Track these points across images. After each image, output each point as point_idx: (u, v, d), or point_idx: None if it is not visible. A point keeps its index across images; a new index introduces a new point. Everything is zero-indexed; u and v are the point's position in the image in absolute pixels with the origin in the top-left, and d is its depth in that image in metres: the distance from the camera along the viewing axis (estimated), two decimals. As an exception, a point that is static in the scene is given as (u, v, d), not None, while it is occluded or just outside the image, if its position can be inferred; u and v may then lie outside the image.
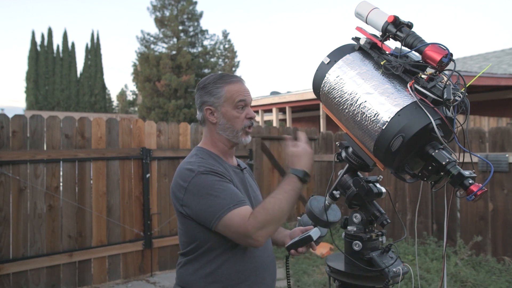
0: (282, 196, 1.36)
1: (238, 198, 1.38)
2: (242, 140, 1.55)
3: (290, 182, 1.39)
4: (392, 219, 5.24)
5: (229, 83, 1.54)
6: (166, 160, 4.94)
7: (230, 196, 1.38)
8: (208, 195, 1.38)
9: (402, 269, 1.28)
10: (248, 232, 1.32)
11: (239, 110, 1.53)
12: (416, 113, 1.14)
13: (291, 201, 1.36)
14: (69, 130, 4.32)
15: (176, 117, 24.52)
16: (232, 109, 1.52)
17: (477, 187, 1.09)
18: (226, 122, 1.52)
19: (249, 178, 1.66)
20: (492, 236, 4.54)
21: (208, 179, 1.40)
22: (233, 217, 1.34)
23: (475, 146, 4.70)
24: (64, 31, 36.32)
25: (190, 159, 1.51)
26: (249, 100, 1.57)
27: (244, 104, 1.54)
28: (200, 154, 1.53)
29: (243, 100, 1.53)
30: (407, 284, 3.63)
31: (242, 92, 1.54)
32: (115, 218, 4.55)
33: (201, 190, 1.39)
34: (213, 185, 1.39)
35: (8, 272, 3.84)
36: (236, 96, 1.52)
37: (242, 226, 1.32)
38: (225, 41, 30.08)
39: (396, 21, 1.24)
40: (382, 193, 1.38)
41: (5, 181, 3.90)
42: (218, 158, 1.55)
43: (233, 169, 1.57)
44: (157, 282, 4.54)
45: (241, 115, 1.53)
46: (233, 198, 1.37)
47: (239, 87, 1.55)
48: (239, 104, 1.52)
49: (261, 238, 1.33)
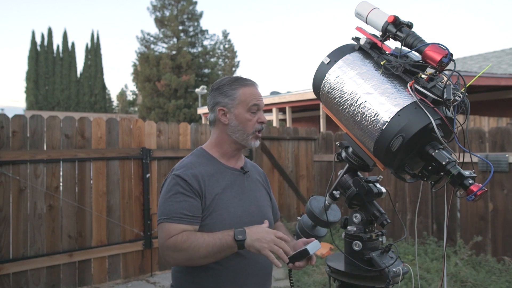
0: (208, 240, 1.36)
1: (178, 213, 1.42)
2: (251, 143, 1.57)
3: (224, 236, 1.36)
4: (392, 219, 5.24)
5: (244, 85, 1.56)
6: (166, 160, 4.94)
7: (174, 208, 1.43)
8: (165, 197, 1.47)
9: (402, 269, 1.28)
10: (162, 247, 1.41)
11: (251, 113, 1.54)
12: (416, 113, 1.14)
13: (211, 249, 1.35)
14: (69, 130, 4.32)
15: (176, 117, 24.53)
16: (245, 112, 1.54)
17: (477, 187, 1.09)
18: (238, 124, 1.54)
19: (252, 183, 1.64)
20: (492, 236, 4.54)
21: (173, 184, 1.47)
22: (164, 228, 1.43)
23: (475, 146, 4.70)
24: (64, 31, 36.34)
25: (184, 159, 1.58)
26: (262, 105, 1.58)
27: (257, 109, 1.56)
28: (196, 154, 1.59)
29: (257, 105, 1.55)
30: (407, 284, 3.63)
31: (256, 96, 1.56)
32: (115, 218, 4.55)
33: (165, 190, 1.49)
34: (171, 191, 1.46)
35: (8, 272, 3.84)
36: (250, 100, 1.54)
37: (162, 240, 1.42)
38: (225, 41, 30.10)
39: (396, 21, 1.24)
40: (382, 193, 1.38)
41: (5, 181, 3.91)
42: (213, 160, 1.57)
43: (231, 171, 1.58)
44: (157, 282, 4.54)
45: (253, 119, 1.55)
46: (174, 211, 1.43)
47: (253, 91, 1.57)
48: (253, 108, 1.54)
49: (169, 259, 1.41)
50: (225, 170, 1.57)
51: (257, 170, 1.76)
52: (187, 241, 1.37)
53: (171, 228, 1.40)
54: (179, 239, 1.37)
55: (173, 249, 1.38)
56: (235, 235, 1.34)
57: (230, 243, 1.35)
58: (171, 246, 1.38)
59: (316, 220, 1.45)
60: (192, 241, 1.36)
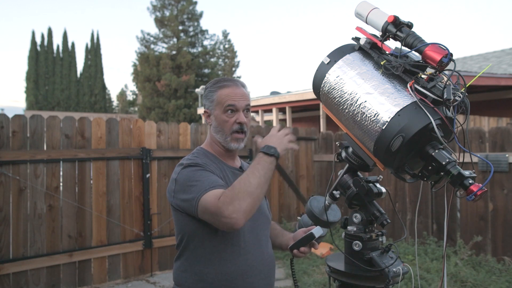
0: (249, 171, 1.38)
1: (215, 182, 1.41)
2: (231, 145, 1.57)
3: (256, 160, 1.41)
4: (392, 219, 5.22)
5: (221, 87, 1.58)
6: (166, 160, 4.94)
7: (208, 180, 1.41)
8: (191, 185, 1.43)
9: (402, 269, 1.28)
10: (219, 209, 1.30)
11: (228, 114, 1.55)
12: (416, 113, 1.14)
13: (258, 174, 1.36)
14: (69, 130, 4.32)
15: (176, 117, 24.52)
16: (222, 113, 1.56)
17: (477, 187, 1.09)
18: (217, 125, 1.57)
19: None
20: (492, 236, 4.54)
21: (192, 170, 1.46)
22: (207, 198, 1.36)
23: (475, 146, 4.70)
24: (64, 31, 36.35)
25: (187, 157, 1.59)
26: (241, 105, 1.56)
27: (234, 109, 1.55)
28: (197, 153, 1.60)
29: (232, 105, 1.55)
30: (407, 284, 3.63)
31: (232, 96, 1.56)
32: (115, 218, 4.55)
33: (187, 181, 1.45)
34: (194, 174, 1.44)
35: (8, 272, 3.84)
36: (225, 101, 1.55)
37: (214, 204, 1.32)
38: (225, 41, 30.10)
39: (396, 21, 1.24)
40: (382, 193, 1.38)
41: (5, 181, 3.91)
42: (214, 158, 1.59)
43: (231, 170, 1.60)
44: (157, 282, 4.54)
45: (230, 119, 1.55)
46: (210, 182, 1.40)
47: (230, 91, 1.56)
48: (228, 108, 1.55)
49: (234, 214, 1.29)
50: (226, 168, 1.59)
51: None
52: (235, 186, 1.33)
53: (217, 192, 1.35)
54: (228, 191, 1.33)
55: (229, 201, 1.30)
56: (267, 151, 1.40)
57: (268, 159, 1.39)
58: (227, 200, 1.30)
59: (316, 220, 1.45)
60: (238, 183, 1.34)
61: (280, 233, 1.74)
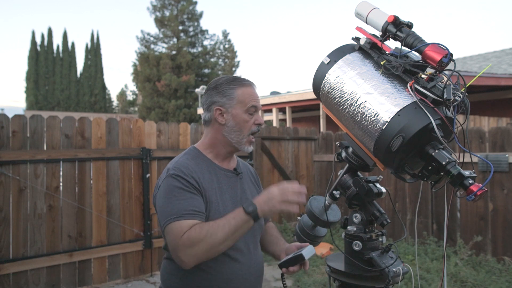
0: (221, 222, 1.32)
1: (187, 209, 1.36)
2: (245, 148, 1.54)
3: (234, 212, 1.35)
4: (392, 219, 5.24)
5: (242, 85, 1.53)
6: (166, 160, 4.94)
7: (180, 206, 1.36)
8: (167, 198, 1.39)
9: (402, 269, 1.28)
10: (178, 247, 1.31)
11: (249, 114, 1.52)
12: (416, 113, 1.14)
13: (227, 229, 1.31)
14: (69, 130, 4.32)
15: (176, 117, 24.52)
16: (243, 113, 1.51)
17: (477, 187, 1.09)
18: (235, 124, 1.51)
19: (245, 183, 1.63)
20: (492, 236, 4.54)
21: (173, 183, 1.40)
22: (173, 229, 1.33)
23: (475, 146, 4.70)
24: (64, 31, 36.34)
25: (178, 158, 1.53)
26: (260, 107, 1.56)
27: (255, 110, 1.54)
28: (190, 153, 1.55)
29: (255, 106, 1.53)
30: (407, 284, 3.63)
31: (255, 97, 1.54)
32: (115, 218, 4.55)
33: (165, 191, 1.41)
34: (172, 192, 1.39)
35: (8, 272, 3.84)
36: (249, 100, 1.51)
37: (175, 240, 1.32)
38: (225, 41, 30.09)
39: (396, 21, 1.24)
40: (382, 193, 1.38)
41: (5, 181, 3.90)
42: (207, 160, 1.54)
43: (224, 173, 1.55)
44: (157, 282, 4.54)
45: (250, 120, 1.52)
46: (181, 209, 1.36)
47: (252, 91, 1.54)
48: (251, 109, 1.52)
49: (187, 258, 1.30)
50: (219, 172, 1.54)
51: (248, 169, 1.73)
52: (202, 231, 1.30)
53: (183, 225, 1.32)
54: (193, 232, 1.30)
55: (189, 244, 1.29)
56: (245, 208, 1.32)
57: (244, 217, 1.32)
58: (186, 243, 1.29)
59: (316, 220, 1.45)
60: (206, 229, 1.30)
61: (275, 241, 1.69)
